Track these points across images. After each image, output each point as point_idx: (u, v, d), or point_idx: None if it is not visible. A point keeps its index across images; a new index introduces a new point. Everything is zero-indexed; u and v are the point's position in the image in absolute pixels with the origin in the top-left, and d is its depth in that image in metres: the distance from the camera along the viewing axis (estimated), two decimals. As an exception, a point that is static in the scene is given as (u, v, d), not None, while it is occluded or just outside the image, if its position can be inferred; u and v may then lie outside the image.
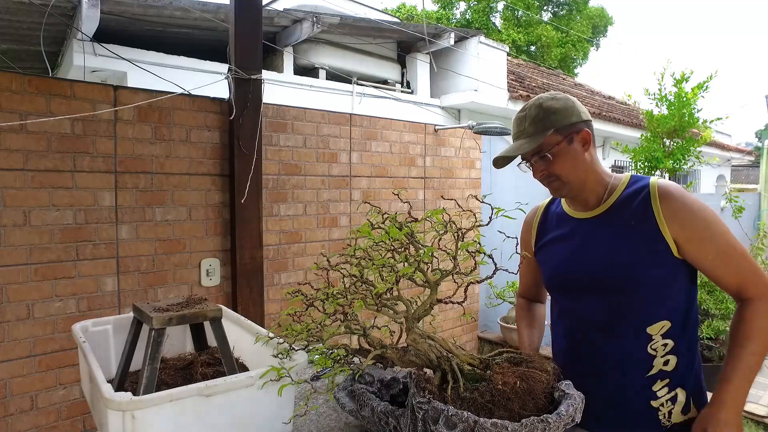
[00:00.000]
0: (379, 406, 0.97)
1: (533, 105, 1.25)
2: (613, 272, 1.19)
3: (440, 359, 0.98)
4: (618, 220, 1.21)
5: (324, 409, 1.22)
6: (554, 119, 1.21)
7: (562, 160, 1.21)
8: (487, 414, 0.87)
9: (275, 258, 2.92)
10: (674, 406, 1.17)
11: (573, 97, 1.28)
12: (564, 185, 1.24)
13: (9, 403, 2.12)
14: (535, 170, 1.26)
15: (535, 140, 1.20)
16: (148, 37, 4.53)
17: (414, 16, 16.32)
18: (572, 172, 1.23)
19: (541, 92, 8.29)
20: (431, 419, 0.85)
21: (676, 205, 1.15)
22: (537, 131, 1.21)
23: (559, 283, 1.32)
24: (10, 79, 2.08)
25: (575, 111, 1.23)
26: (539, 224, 1.42)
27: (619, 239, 1.20)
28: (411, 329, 1.00)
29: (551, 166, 1.22)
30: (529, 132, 1.22)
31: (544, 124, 1.21)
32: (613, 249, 1.20)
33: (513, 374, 0.94)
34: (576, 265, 1.25)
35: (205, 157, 2.60)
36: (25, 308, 2.14)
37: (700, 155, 5.30)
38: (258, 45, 2.69)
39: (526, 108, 1.26)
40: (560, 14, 18.68)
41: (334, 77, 5.85)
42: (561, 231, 1.33)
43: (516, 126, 1.27)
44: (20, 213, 2.11)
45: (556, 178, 1.23)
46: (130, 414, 0.86)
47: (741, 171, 17.89)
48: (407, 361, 1.00)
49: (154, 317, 1.03)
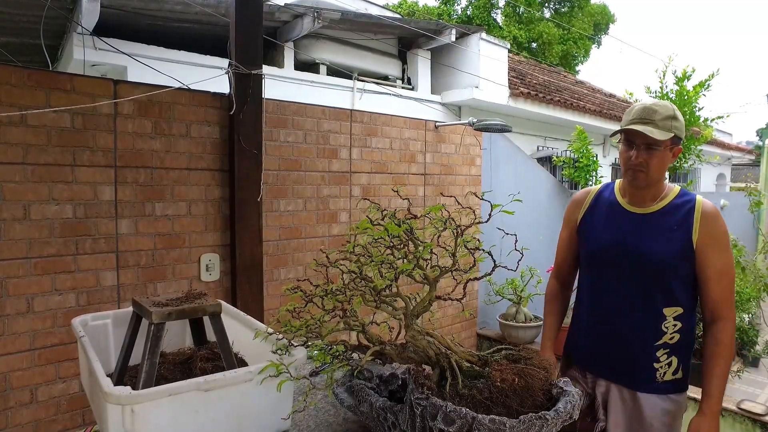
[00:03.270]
0: (377, 401, 0.97)
1: (669, 107, 1.47)
2: (652, 258, 1.47)
3: (439, 356, 0.98)
4: (663, 221, 1.49)
5: (323, 404, 1.22)
6: (678, 128, 1.47)
7: (661, 161, 1.47)
8: (485, 411, 0.88)
9: (275, 253, 2.92)
10: (668, 369, 1.51)
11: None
12: (647, 178, 1.48)
13: (9, 397, 2.12)
14: (638, 154, 1.46)
15: (663, 133, 1.42)
16: (149, 31, 4.51)
17: (415, 12, 16.27)
18: (658, 173, 1.49)
19: (542, 90, 8.28)
20: (429, 415, 0.86)
21: (711, 222, 1.46)
22: (665, 128, 1.44)
23: (602, 255, 1.57)
24: (10, 72, 2.07)
25: (684, 131, 1.52)
26: (590, 205, 1.65)
27: (662, 235, 1.48)
28: (410, 326, 1.00)
29: (652, 159, 1.45)
30: (660, 125, 1.44)
31: (672, 127, 1.45)
32: (656, 241, 1.48)
33: (511, 371, 0.94)
34: (623, 243, 1.52)
35: (205, 153, 2.60)
36: (24, 302, 2.14)
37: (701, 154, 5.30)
38: (259, 40, 2.68)
39: (660, 105, 1.47)
40: (562, 11, 18.61)
41: (335, 73, 5.84)
42: (611, 215, 1.58)
43: (644, 111, 1.46)
44: (20, 207, 2.11)
45: (646, 170, 1.47)
46: (129, 408, 0.87)
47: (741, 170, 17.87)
48: (406, 357, 1.00)
49: (153, 312, 1.03)
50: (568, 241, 1.73)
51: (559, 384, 0.97)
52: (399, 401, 0.99)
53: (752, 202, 5.01)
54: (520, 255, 0.98)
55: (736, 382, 4.66)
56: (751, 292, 4.91)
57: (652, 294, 1.49)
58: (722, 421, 2.87)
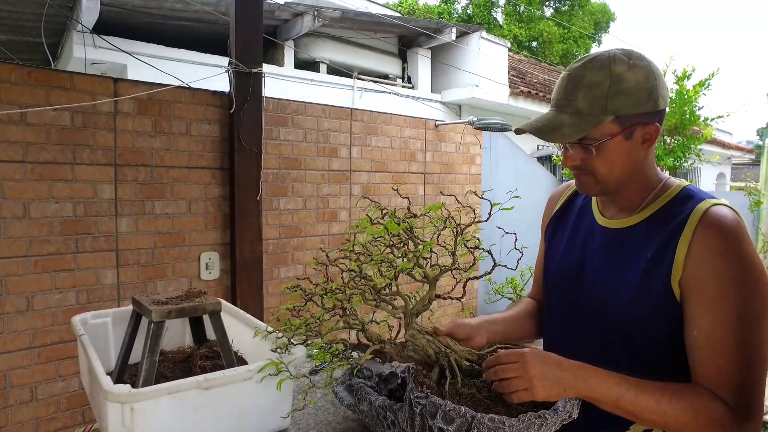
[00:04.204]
0: (377, 400, 0.97)
1: (598, 66, 0.88)
2: (613, 305, 0.93)
3: (438, 355, 0.98)
4: (641, 244, 0.92)
5: (322, 403, 1.22)
6: (621, 102, 0.86)
7: (609, 158, 0.90)
8: (485, 410, 0.88)
9: (275, 252, 2.92)
10: None
11: (656, 66, 0.91)
12: (596, 185, 0.94)
13: (9, 395, 2.12)
14: (566, 157, 0.95)
15: (583, 125, 0.88)
16: (149, 29, 4.51)
17: (415, 11, 16.25)
18: (613, 173, 0.92)
19: (543, 89, 8.24)
20: (429, 414, 0.86)
21: (711, 244, 0.83)
22: (591, 111, 0.87)
23: (551, 292, 1.10)
24: (10, 70, 2.07)
25: (654, 96, 0.88)
26: (559, 208, 1.15)
27: (632, 268, 0.91)
28: (410, 324, 1.00)
29: (590, 161, 0.91)
30: (580, 107, 0.88)
31: (605, 105, 0.87)
32: (622, 276, 0.93)
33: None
34: (576, 278, 1.02)
35: (205, 151, 2.60)
36: (24, 300, 2.14)
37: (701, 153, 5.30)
38: (259, 38, 2.68)
39: (586, 66, 0.89)
40: (562, 10, 18.60)
41: (335, 71, 5.84)
42: (576, 228, 1.07)
43: (562, 88, 0.92)
44: (20, 205, 2.11)
45: (590, 174, 0.93)
46: (129, 406, 0.87)
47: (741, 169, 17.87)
48: (406, 356, 1.00)
49: (153, 310, 1.03)
50: (541, 258, 1.20)
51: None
52: (398, 400, 0.99)
53: (752, 202, 5.02)
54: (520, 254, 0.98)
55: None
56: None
57: (617, 358, 0.92)
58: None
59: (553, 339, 1.10)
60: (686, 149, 5.03)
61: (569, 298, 1.03)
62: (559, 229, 1.13)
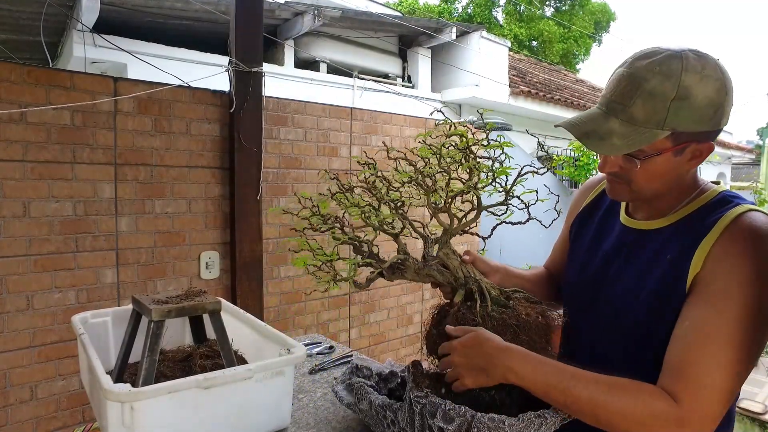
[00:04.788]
0: (376, 399, 0.98)
1: (666, 73, 0.77)
2: (631, 311, 0.89)
3: (468, 278, 0.97)
4: (665, 246, 0.87)
5: (322, 402, 1.22)
6: (682, 118, 0.78)
7: (651, 172, 0.83)
8: (512, 336, 0.88)
9: (275, 251, 2.92)
10: None
11: (730, 79, 0.81)
12: (629, 194, 0.89)
13: (9, 394, 2.12)
14: (604, 161, 0.88)
15: (635, 138, 0.79)
16: (149, 28, 4.51)
17: (416, 11, 16.24)
18: (651, 186, 0.86)
19: (543, 88, 8.25)
20: (429, 413, 0.86)
21: (736, 246, 0.77)
22: (646, 123, 0.79)
23: (577, 290, 1.04)
24: (10, 69, 2.07)
25: (719, 114, 0.79)
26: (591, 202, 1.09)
27: (655, 269, 0.87)
28: (446, 243, 0.98)
29: (633, 172, 0.85)
30: (635, 116, 0.79)
31: (664, 119, 0.78)
32: (641, 279, 0.89)
33: (533, 310, 0.95)
34: (598, 278, 0.98)
35: (206, 150, 2.60)
36: (24, 299, 2.14)
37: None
38: (259, 38, 2.68)
39: (650, 68, 0.78)
40: (562, 9, 18.59)
41: (335, 71, 5.84)
42: (605, 230, 1.02)
43: (619, 88, 0.82)
44: (20, 204, 2.11)
45: (626, 184, 0.88)
46: (129, 405, 0.87)
47: (741, 169, 17.87)
48: (424, 275, 0.97)
49: (153, 309, 1.03)
50: (561, 243, 1.19)
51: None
52: (398, 399, 0.99)
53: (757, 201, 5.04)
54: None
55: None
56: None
57: (638, 359, 0.88)
58: (721, 419, 2.87)
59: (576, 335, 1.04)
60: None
61: (589, 297, 0.99)
62: (584, 225, 1.08)
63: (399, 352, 3.62)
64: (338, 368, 1.44)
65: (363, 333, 3.40)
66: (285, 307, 2.98)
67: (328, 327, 3.19)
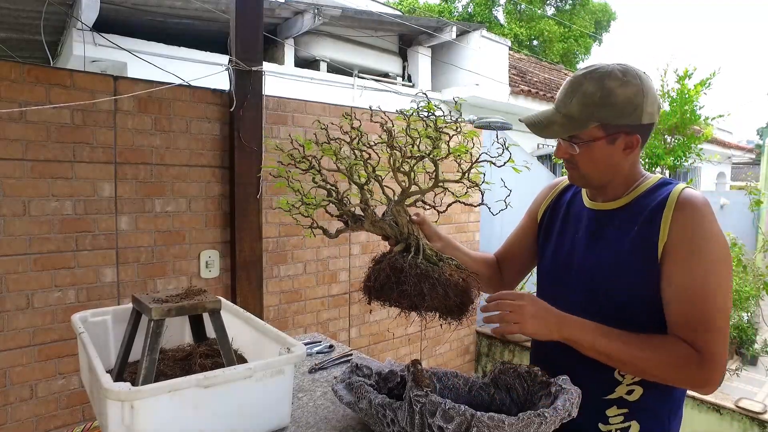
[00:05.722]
0: (376, 398, 0.98)
1: (594, 78, 1.02)
2: (601, 278, 1.07)
3: (410, 235, 1.11)
4: (626, 223, 1.06)
5: (322, 401, 1.23)
6: (606, 113, 1.01)
7: (592, 158, 1.06)
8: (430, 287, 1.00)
9: (275, 250, 2.92)
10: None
11: (652, 85, 1.05)
12: (582, 178, 1.11)
13: (9, 392, 2.13)
14: (558, 149, 1.11)
15: (570, 126, 1.04)
16: (149, 27, 4.51)
17: (416, 10, 16.23)
18: (596, 171, 1.08)
19: (543, 87, 8.25)
20: (428, 412, 0.86)
21: (685, 217, 0.98)
22: (580, 116, 1.03)
23: (551, 276, 1.22)
24: (10, 68, 2.07)
25: (638, 112, 1.02)
26: (552, 202, 1.29)
27: (618, 243, 1.06)
28: (401, 202, 1.11)
29: (576, 157, 1.07)
30: (572, 111, 1.04)
31: (592, 113, 1.02)
32: (609, 252, 1.07)
33: (458, 274, 1.06)
34: (568, 258, 1.16)
35: (205, 149, 2.60)
36: (24, 298, 2.14)
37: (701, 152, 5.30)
38: (259, 36, 2.68)
39: (585, 76, 1.04)
40: (563, 9, 18.57)
41: (335, 70, 5.83)
42: (570, 221, 1.21)
43: (564, 91, 1.07)
44: (19, 203, 2.11)
45: (576, 169, 1.10)
46: (129, 404, 0.87)
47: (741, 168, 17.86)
48: (378, 227, 1.11)
49: (153, 308, 1.03)
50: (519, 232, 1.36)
51: (558, 382, 0.97)
52: (398, 398, 0.99)
53: (752, 201, 5.03)
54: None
55: (734, 380, 4.68)
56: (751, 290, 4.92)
57: (604, 322, 1.04)
58: (720, 419, 2.88)
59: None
60: (686, 148, 5.03)
61: (563, 275, 1.17)
62: (552, 220, 1.26)
63: (399, 351, 3.62)
64: (338, 367, 1.44)
65: (363, 332, 3.41)
66: (285, 306, 2.98)
67: (328, 326, 3.19)
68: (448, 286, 1.01)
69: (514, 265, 1.37)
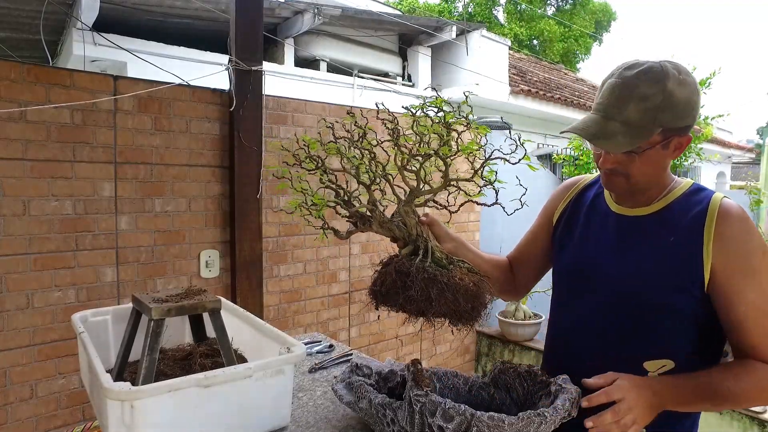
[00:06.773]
0: (376, 398, 0.98)
1: (652, 80, 0.93)
2: (631, 285, 1.01)
3: (419, 237, 1.07)
4: (659, 230, 1.01)
5: (322, 401, 1.23)
6: (668, 117, 0.93)
7: (647, 164, 0.98)
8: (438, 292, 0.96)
9: (274, 250, 2.92)
10: None
11: (696, 80, 0.99)
12: (628, 186, 1.02)
13: (9, 392, 2.13)
14: (605, 159, 1.00)
15: (635, 135, 0.93)
16: (149, 27, 4.51)
17: (416, 9, 16.23)
18: (646, 177, 1.00)
19: (543, 87, 8.24)
20: (428, 412, 0.86)
21: (735, 232, 0.94)
22: (643, 124, 0.93)
23: (573, 276, 1.14)
24: (9, 68, 2.06)
25: (696, 111, 0.97)
26: (571, 203, 1.21)
27: (652, 250, 1.00)
28: (409, 203, 1.08)
29: (630, 166, 0.98)
30: (631, 118, 0.93)
31: (654, 118, 0.93)
32: (641, 258, 1.01)
33: (469, 278, 1.02)
34: (593, 260, 1.08)
35: (205, 149, 2.60)
36: (24, 298, 2.14)
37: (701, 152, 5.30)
38: (259, 36, 2.68)
39: (639, 77, 0.93)
40: (563, 9, 18.57)
41: (335, 69, 5.83)
42: (590, 217, 1.14)
43: (613, 95, 0.96)
44: (19, 203, 2.11)
45: (625, 177, 1.00)
46: (129, 404, 0.87)
47: (741, 168, 17.86)
48: (386, 228, 1.07)
49: (153, 308, 1.03)
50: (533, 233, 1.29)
51: (558, 381, 0.97)
52: (398, 398, 0.99)
53: (752, 201, 5.04)
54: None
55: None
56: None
57: (628, 336, 1.01)
58: (720, 418, 2.88)
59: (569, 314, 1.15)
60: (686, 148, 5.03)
61: (585, 280, 1.10)
62: (572, 219, 1.19)
63: (399, 350, 3.62)
64: (338, 367, 1.44)
65: (363, 332, 3.41)
66: (285, 305, 2.98)
67: (328, 326, 3.19)
68: (457, 290, 0.97)
69: (530, 268, 1.31)
